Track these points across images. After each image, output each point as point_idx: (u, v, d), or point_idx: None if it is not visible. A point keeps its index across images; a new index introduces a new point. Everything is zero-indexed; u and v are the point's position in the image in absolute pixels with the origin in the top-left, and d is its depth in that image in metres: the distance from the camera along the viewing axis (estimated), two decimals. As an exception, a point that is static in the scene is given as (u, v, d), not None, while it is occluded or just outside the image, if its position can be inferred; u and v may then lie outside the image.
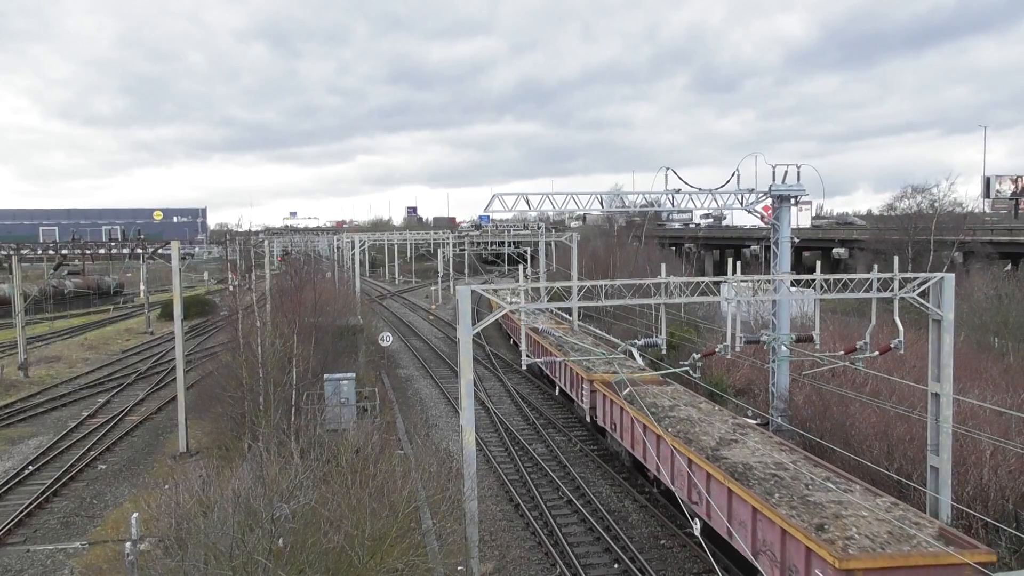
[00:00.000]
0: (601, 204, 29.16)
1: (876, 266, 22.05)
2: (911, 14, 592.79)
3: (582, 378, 31.73)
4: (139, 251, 67.81)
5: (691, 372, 21.73)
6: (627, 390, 26.77)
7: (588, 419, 31.25)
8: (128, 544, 17.70)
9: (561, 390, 36.65)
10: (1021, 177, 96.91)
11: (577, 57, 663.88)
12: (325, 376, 30.45)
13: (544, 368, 39.54)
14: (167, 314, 67.10)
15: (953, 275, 20.61)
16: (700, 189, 27.64)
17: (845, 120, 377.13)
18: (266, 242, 77.14)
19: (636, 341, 22.96)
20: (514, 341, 51.85)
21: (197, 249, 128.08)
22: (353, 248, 73.76)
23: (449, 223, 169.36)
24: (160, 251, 64.08)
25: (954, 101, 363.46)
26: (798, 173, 28.02)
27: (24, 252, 61.74)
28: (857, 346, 21.86)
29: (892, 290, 20.77)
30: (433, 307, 79.13)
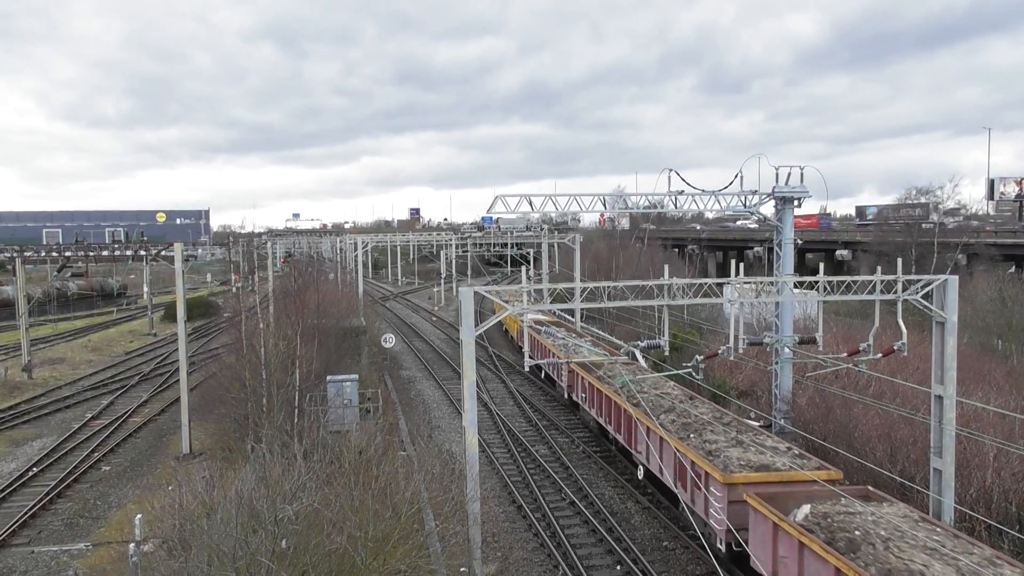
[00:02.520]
0: (604, 205, 29.16)
1: (879, 268, 22.05)
2: (924, 13, 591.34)
3: (705, 474, 19.22)
4: (142, 253, 67.95)
5: (694, 374, 21.75)
6: (803, 510, 15.97)
7: (720, 545, 18.71)
8: (132, 545, 17.73)
9: (648, 473, 24.22)
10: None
11: (585, 57, 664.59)
12: (328, 378, 30.47)
13: (609, 427, 28.31)
14: (170, 316, 67.11)
15: (956, 277, 20.61)
16: (703, 191, 27.66)
17: (853, 121, 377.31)
18: (269, 244, 77.25)
19: (639, 343, 22.99)
20: (516, 341, 51.84)
21: (200, 251, 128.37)
22: (356, 250, 73.88)
23: (411, 224, 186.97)
24: (163, 253, 64.19)
25: (964, 102, 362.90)
26: (801, 175, 28.03)
27: (28, 254, 61.91)
28: (860, 348, 21.88)
29: (895, 292, 20.77)
30: (436, 308, 79.16)
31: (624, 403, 26.01)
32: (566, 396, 35.96)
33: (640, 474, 24.57)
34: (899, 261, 22.39)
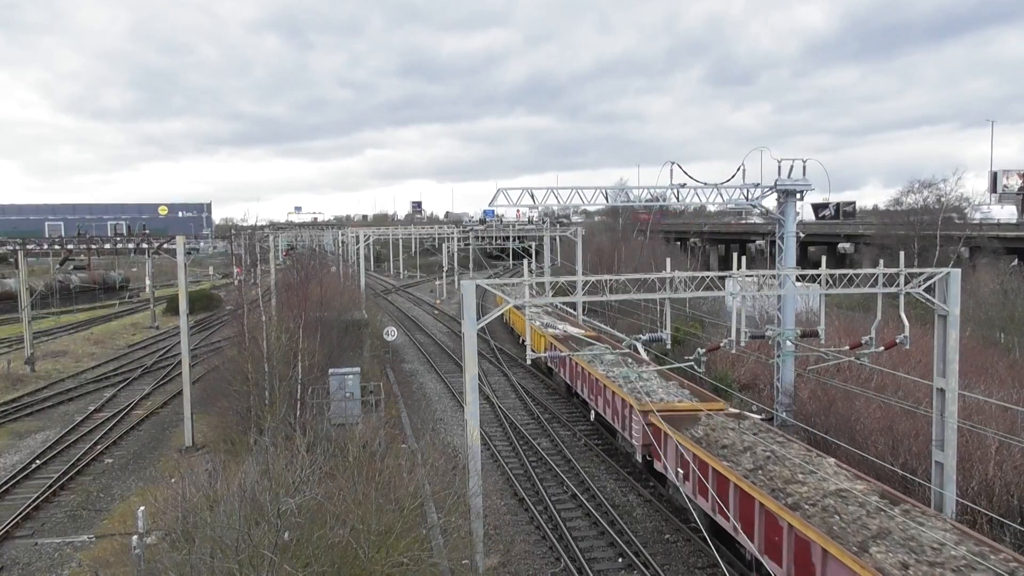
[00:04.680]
0: (606, 199, 29.14)
1: (882, 261, 22.04)
2: (935, 3, 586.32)
3: None
4: (144, 246, 68.10)
5: (696, 367, 21.76)
6: None
7: None
8: (135, 537, 17.83)
9: None
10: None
11: (592, 49, 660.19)
12: (330, 370, 30.53)
13: (752, 546, 17.01)
14: (172, 309, 67.28)
15: (959, 270, 20.59)
16: (705, 184, 27.63)
17: (861, 114, 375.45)
18: (271, 237, 77.28)
19: (641, 336, 22.98)
20: (519, 336, 51.81)
21: (202, 244, 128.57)
22: (358, 243, 73.92)
23: (382, 219, 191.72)
24: (165, 246, 64.30)
25: (974, 94, 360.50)
26: (804, 168, 27.99)
27: (30, 247, 62.01)
28: (862, 341, 21.86)
29: (898, 285, 20.74)
30: (438, 302, 79.21)
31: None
32: (638, 458, 24.97)
33: None
34: (901, 254, 22.37)
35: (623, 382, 27.72)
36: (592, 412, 31.13)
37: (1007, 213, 77.98)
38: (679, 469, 20.99)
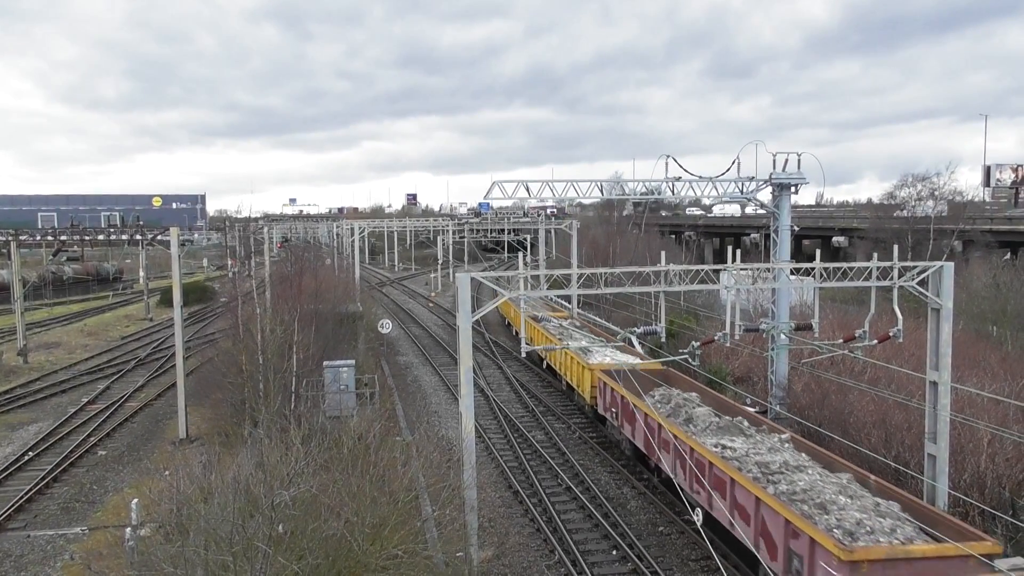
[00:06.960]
0: (601, 192, 29.12)
1: (876, 255, 22.06)
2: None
3: None
4: (138, 237, 67.84)
5: (690, 360, 21.78)
6: None
7: None
8: (128, 529, 17.82)
9: None
10: (1021, 166, 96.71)
11: (593, 40, 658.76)
12: (325, 363, 30.51)
13: None
14: (166, 301, 67.16)
15: (952, 264, 20.63)
16: (700, 177, 27.63)
17: (861, 107, 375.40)
18: (266, 229, 77.07)
19: (635, 329, 22.97)
20: (511, 327, 51.77)
21: (196, 236, 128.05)
22: (353, 235, 73.75)
23: (355, 214, 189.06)
24: (159, 237, 64.07)
25: (974, 87, 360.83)
26: (798, 161, 28.02)
27: (23, 238, 61.69)
28: (856, 334, 21.90)
29: (891, 279, 20.78)
30: (433, 295, 79.12)
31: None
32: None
33: None
34: (895, 248, 22.39)
35: (760, 473, 18.22)
36: (698, 512, 17.09)
37: None
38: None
